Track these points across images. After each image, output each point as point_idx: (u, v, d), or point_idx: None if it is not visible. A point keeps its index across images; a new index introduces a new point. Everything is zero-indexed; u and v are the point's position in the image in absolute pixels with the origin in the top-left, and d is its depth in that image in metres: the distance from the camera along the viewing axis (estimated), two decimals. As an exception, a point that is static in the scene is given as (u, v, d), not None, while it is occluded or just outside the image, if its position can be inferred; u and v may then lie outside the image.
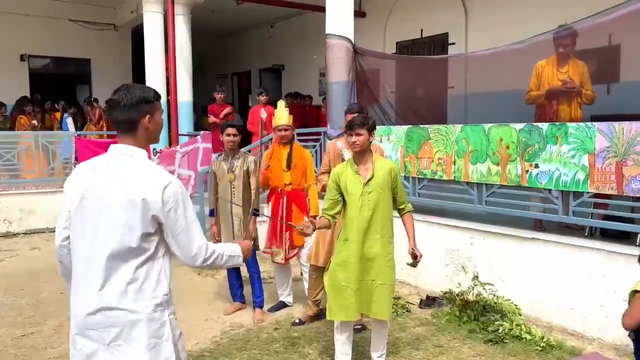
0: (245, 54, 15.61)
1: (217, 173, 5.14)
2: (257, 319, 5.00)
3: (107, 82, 13.11)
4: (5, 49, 11.86)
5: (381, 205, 3.59)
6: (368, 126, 3.60)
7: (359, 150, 3.60)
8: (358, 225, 3.57)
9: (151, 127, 2.16)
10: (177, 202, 2.08)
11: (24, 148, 9.13)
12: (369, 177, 3.58)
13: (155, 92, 2.20)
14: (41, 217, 8.93)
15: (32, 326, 4.87)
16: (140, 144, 2.16)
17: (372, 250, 3.59)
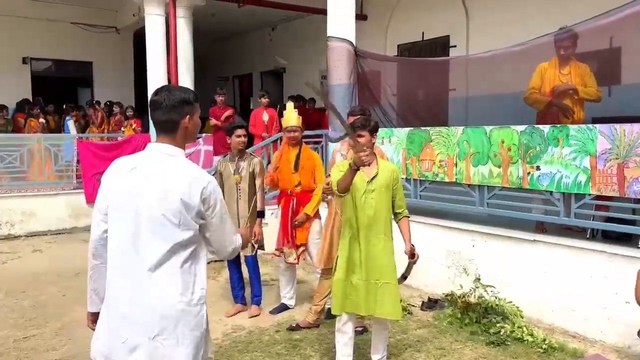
0: (246, 57, 15.63)
1: (224, 174, 5.15)
2: (253, 314, 5.14)
3: (108, 85, 13.18)
4: (7, 51, 11.89)
5: (383, 205, 3.63)
6: (370, 128, 3.63)
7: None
8: (361, 223, 3.60)
9: (190, 127, 2.23)
10: (215, 200, 2.17)
11: (27, 150, 9.13)
12: (373, 175, 3.60)
13: (194, 94, 2.26)
14: (43, 219, 8.95)
15: (34, 328, 4.88)
16: (179, 143, 2.22)
17: (377, 249, 3.61)
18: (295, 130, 5.09)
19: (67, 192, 9.30)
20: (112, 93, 12.91)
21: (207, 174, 2.20)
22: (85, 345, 4.40)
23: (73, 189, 9.39)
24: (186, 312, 2.14)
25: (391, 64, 7.90)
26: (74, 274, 6.62)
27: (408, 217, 3.84)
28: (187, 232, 2.11)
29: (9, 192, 8.92)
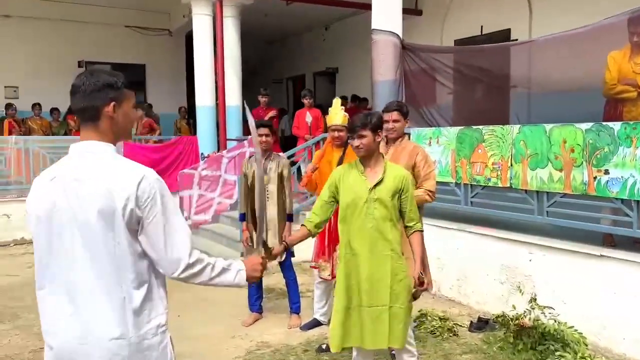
0: (299, 58, 15.36)
1: (249, 175, 4.87)
2: (293, 325, 4.80)
3: (161, 88, 13.21)
4: (63, 55, 12.10)
5: (390, 216, 3.07)
6: (371, 125, 3.06)
7: (364, 154, 3.10)
8: (363, 238, 3.07)
9: (118, 117, 1.84)
10: (154, 197, 1.75)
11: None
12: (377, 182, 3.07)
13: (124, 78, 1.89)
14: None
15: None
16: (106, 137, 1.83)
17: (382, 269, 3.06)
18: (341, 130, 4.62)
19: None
20: (165, 97, 12.94)
21: (142, 167, 1.79)
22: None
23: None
24: (144, 345, 1.77)
25: (444, 58, 7.27)
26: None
27: (421, 232, 3.23)
28: (131, 243, 1.74)
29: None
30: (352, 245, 3.10)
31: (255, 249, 2.27)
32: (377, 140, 3.10)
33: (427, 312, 4.86)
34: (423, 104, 6.56)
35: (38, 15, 11.61)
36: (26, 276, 6.54)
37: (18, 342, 4.57)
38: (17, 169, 8.64)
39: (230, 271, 1.95)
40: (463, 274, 5.33)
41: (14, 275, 6.62)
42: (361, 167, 3.13)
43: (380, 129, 3.12)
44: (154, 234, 1.76)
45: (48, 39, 11.86)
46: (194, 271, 1.84)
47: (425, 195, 3.93)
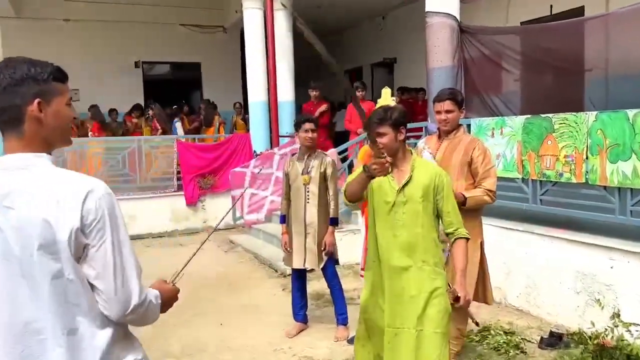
0: (356, 50, 14.89)
1: (290, 174, 4.52)
2: (339, 337, 4.43)
3: (217, 86, 13.12)
4: (119, 56, 12.22)
5: (421, 222, 2.67)
6: (392, 121, 2.66)
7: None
8: (388, 248, 2.69)
9: (47, 118, 1.47)
10: (101, 218, 1.42)
11: (128, 153, 9.14)
12: (405, 182, 2.68)
13: (54, 69, 1.50)
14: (144, 222, 8.88)
15: (93, 348, 4.49)
16: (34, 146, 1.47)
17: (412, 283, 2.62)
18: None
19: (168, 195, 9.19)
20: (220, 94, 12.81)
21: (90, 179, 1.45)
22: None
23: (174, 192, 9.24)
24: None
25: (507, 39, 6.61)
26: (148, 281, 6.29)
27: (465, 239, 2.76)
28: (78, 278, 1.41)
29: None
30: (378, 255, 2.72)
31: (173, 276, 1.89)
32: (400, 138, 2.71)
33: (491, 325, 4.34)
34: (484, 92, 5.97)
35: (95, 18, 11.75)
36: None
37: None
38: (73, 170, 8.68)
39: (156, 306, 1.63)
40: (532, 281, 4.75)
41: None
42: None
43: (403, 125, 2.70)
44: (102, 265, 1.42)
45: (105, 41, 12.00)
46: (141, 311, 1.51)
47: (484, 195, 3.42)
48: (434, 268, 2.66)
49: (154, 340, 4.63)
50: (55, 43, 11.57)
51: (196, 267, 7.01)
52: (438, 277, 2.66)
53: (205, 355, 4.30)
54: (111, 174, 9.11)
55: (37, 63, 1.49)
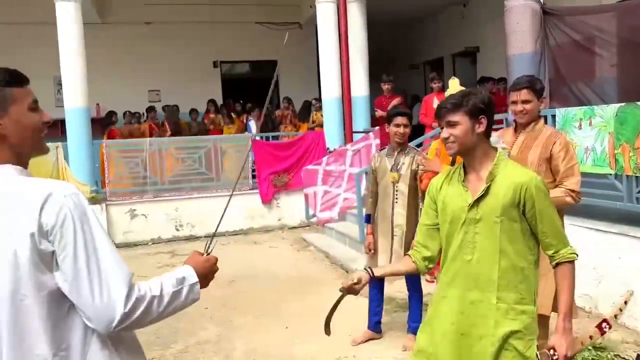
0: (436, 40, 14.32)
1: (378, 171, 4.24)
2: (408, 347, 4.10)
3: (293, 83, 13.08)
4: (199, 57, 12.48)
5: (501, 247, 2.09)
6: (468, 108, 2.10)
7: (457, 150, 2.15)
8: (457, 273, 2.17)
9: (7, 129, 1.36)
10: (64, 222, 1.29)
11: (204, 152, 9.27)
12: (480, 194, 2.11)
13: (6, 74, 1.38)
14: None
15: (159, 349, 4.50)
16: (2, 157, 1.37)
17: (482, 323, 2.10)
18: None
19: (243, 193, 9.22)
20: (297, 92, 12.76)
21: (52, 183, 1.32)
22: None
23: (249, 190, 9.27)
24: None
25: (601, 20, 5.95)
26: (228, 281, 6.28)
27: (571, 263, 2.13)
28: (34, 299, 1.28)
29: (189, 194, 9.13)
30: (447, 285, 2.21)
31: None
32: (479, 130, 2.12)
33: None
34: (572, 80, 5.42)
35: (175, 20, 12.04)
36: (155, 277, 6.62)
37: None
38: (152, 170, 8.93)
39: (181, 292, 1.44)
40: (628, 289, 4.22)
41: (142, 276, 6.72)
42: (462, 172, 2.20)
43: (484, 114, 2.12)
44: (73, 274, 1.27)
45: (184, 42, 12.29)
46: (136, 317, 1.33)
47: (565, 196, 3.03)
48: (514, 306, 2.09)
49: (217, 342, 4.58)
50: (137, 46, 12.02)
51: (267, 265, 6.97)
52: (519, 318, 2.09)
53: (269, 362, 4.17)
54: (188, 173, 9.28)
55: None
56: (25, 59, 10.80)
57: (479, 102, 2.12)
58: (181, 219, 8.87)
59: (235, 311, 5.30)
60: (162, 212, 8.81)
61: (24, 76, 1.42)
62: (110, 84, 11.26)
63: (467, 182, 2.17)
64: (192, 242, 8.65)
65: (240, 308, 5.38)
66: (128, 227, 8.61)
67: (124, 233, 8.58)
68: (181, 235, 8.83)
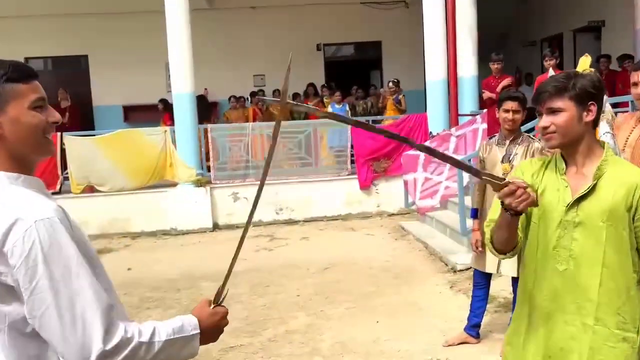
0: (555, 14, 13.19)
1: (487, 162, 3.88)
2: None
3: (397, 65, 12.70)
4: (302, 40, 12.41)
5: (604, 258, 1.75)
6: (574, 93, 1.74)
7: (558, 142, 1.80)
8: (548, 288, 1.82)
9: (5, 129, 1.26)
10: (29, 254, 1.15)
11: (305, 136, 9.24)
12: (583, 193, 1.77)
13: (8, 68, 1.27)
14: (319, 205, 8.94)
15: (247, 336, 4.49)
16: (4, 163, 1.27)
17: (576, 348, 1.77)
18: None
19: (342, 178, 9.11)
20: (402, 72, 12.36)
21: (27, 206, 1.18)
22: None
23: (348, 175, 9.13)
24: None
25: None
26: (322, 268, 6.20)
27: None
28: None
29: (289, 178, 9.16)
30: (531, 297, 1.87)
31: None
32: (587, 119, 1.77)
33: None
34: None
35: (279, 4, 12.08)
36: (253, 260, 6.67)
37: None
38: (254, 154, 9.06)
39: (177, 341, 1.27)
40: None
41: (241, 258, 6.78)
42: (562, 164, 1.85)
43: (593, 100, 1.77)
44: (41, 310, 1.15)
45: (288, 25, 12.30)
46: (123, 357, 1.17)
47: None
48: (614, 332, 1.75)
49: (306, 332, 4.49)
50: (242, 31, 12.22)
51: (362, 254, 6.80)
52: (618, 347, 1.75)
53: (356, 358, 4.00)
54: (288, 158, 9.32)
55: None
56: (139, 46, 11.47)
57: (589, 85, 1.77)
58: (281, 203, 8.92)
59: (327, 300, 5.19)
60: (263, 195, 8.80)
61: (28, 71, 1.31)
62: (217, 69, 11.55)
63: (567, 176, 1.82)
64: (291, 225, 8.69)
65: (333, 297, 5.26)
66: (230, 210, 8.81)
67: (226, 215, 8.79)
68: (281, 219, 8.88)
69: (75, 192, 8.49)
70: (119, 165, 8.53)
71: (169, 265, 6.67)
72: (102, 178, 8.57)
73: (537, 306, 1.85)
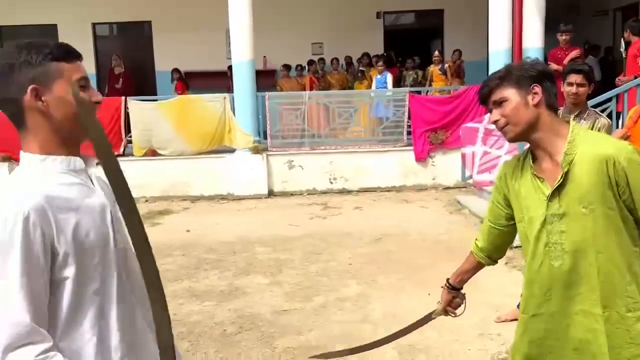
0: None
1: None
2: None
3: (459, 35, 12.29)
4: (362, 8, 12.18)
5: (597, 243, 1.70)
6: (513, 79, 1.76)
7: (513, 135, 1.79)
8: (544, 288, 1.80)
9: (50, 108, 1.27)
10: None
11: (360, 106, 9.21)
12: (557, 183, 1.72)
13: (53, 47, 1.28)
14: (373, 176, 8.93)
15: (300, 301, 4.59)
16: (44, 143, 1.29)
17: (595, 339, 1.73)
18: None
19: (397, 149, 9.02)
20: (465, 42, 12.00)
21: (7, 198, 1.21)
22: (328, 337, 3.89)
23: (403, 146, 9.04)
24: None
25: None
26: (374, 239, 6.23)
27: None
28: None
29: (344, 148, 9.17)
30: (530, 298, 1.87)
31: None
32: (533, 102, 1.74)
33: None
34: None
35: (339, -30, 11.92)
36: (306, 228, 6.81)
37: (269, 301, 4.63)
38: (310, 123, 9.10)
39: None
40: None
41: (294, 225, 6.95)
42: (529, 159, 1.82)
43: (536, 82, 1.75)
44: None
45: (349, -8, 12.14)
46: None
47: None
48: (625, 315, 1.70)
49: (357, 300, 4.56)
50: (303, -1, 12.13)
51: (416, 226, 6.78)
52: (635, 327, 1.70)
53: (404, 328, 4.03)
54: (344, 127, 9.32)
55: (34, 44, 1.28)
56: (200, 13, 11.59)
57: (525, 69, 1.78)
58: (335, 172, 8.96)
59: (378, 270, 5.23)
60: (318, 164, 8.97)
61: (74, 51, 1.33)
62: (276, 37, 11.54)
63: (541, 172, 1.78)
64: (344, 195, 8.73)
65: (384, 268, 5.29)
66: (286, 177, 8.93)
67: (281, 182, 8.92)
68: (335, 188, 8.94)
69: (138, 155, 8.81)
70: (180, 130, 8.77)
71: (226, 229, 6.86)
72: (164, 142, 8.84)
73: (545, 308, 1.82)
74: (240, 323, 4.16)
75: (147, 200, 8.62)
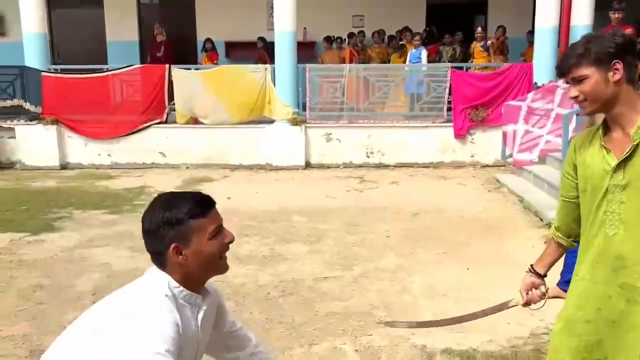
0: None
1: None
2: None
3: (504, 10, 12.05)
4: (404, -18, 12.06)
5: None
6: (594, 57, 1.72)
7: (591, 110, 1.81)
8: (601, 255, 1.83)
9: (188, 260, 1.47)
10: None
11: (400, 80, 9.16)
12: (626, 154, 1.74)
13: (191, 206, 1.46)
14: (411, 151, 8.92)
15: (339, 269, 4.69)
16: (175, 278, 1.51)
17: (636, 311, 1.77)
18: None
19: (437, 125, 8.97)
20: (509, 18, 11.73)
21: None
22: (368, 304, 3.98)
23: (443, 122, 8.98)
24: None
25: None
26: (411, 214, 6.27)
27: None
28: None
29: (382, 122, 9.17)
30: (582, 263, 1.91)
31: None
32: (614, 79, 1.72)
33: None
34: None
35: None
36: (343, 200, 6.89)
37: (309, 268, 4.74)
38: (349, 96, 9.11)
39: None
40: None
41: (332, 197, 7.03)
42: (601, 130, 1.84)
43: (617, 58, 1.72)
44: None
45: (393, -35, 11.94)
46: None
47: None
48: None
49: (396, 272, 4.63)
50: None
51: (453, 203, 6.79)
52: None
53: (446, 302, 4.08)
54: (382, 101, 9.29)
55: (173, 205, 1.46)
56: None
57: (605, 46, 1.72)
58: (372, 146, 8.98)
59: (416, 244, 5.28)
60: (355, 137, 8.99)
61: (209, 203, 1.50)
62: (317, 9, 11.47)
63: (610, 142, 1.79)
64: (381, 169, 8.76)
65: (422, 242, 5.34)
66: (323, 150, 9.00)
67: (319, 154, 8.99)
68: (371, 163, 8.97)
69: (180, 122, 8.99)
70: (221, 100, 8.89)
71: (265, 198, 7.00)
72: (205, 111, 8.98)
73: (595, 274, 1.86)
74: (283, 287, 4.29)
75: (188, 167, 8.83)
